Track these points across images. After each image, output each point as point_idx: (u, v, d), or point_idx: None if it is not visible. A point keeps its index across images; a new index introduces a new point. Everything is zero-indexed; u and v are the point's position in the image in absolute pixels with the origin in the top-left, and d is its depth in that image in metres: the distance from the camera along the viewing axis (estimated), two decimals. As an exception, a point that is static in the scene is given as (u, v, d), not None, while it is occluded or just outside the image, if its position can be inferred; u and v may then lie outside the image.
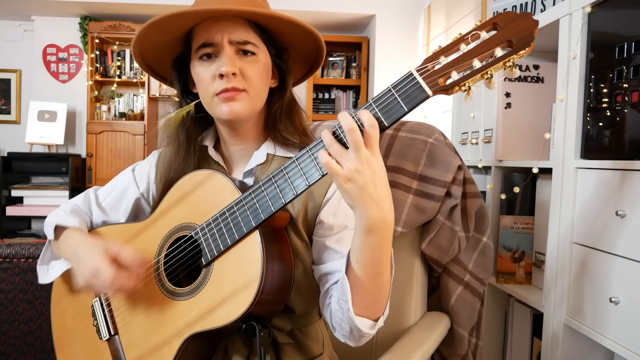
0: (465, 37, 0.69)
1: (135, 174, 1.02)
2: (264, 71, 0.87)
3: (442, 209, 1.09)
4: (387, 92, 0.70)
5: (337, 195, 0.87)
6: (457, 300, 1.15)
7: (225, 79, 0.82)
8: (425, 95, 0.68)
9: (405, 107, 0.68)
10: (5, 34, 4.34)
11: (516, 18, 0.67)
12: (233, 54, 0.83)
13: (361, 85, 4.24)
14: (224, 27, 0.83)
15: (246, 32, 0.84)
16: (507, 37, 0.67)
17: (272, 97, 0.92)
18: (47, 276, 1.00)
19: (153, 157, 1.02)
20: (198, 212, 0.85)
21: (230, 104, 0.83)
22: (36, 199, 3.90)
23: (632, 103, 0.97)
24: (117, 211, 1.02)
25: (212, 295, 0.80)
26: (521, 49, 0.66)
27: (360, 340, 0.79)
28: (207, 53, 0.84)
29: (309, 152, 0.73)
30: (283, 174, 0.75)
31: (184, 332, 0.81)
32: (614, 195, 1.00)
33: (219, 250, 0.80)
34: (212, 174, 0.85)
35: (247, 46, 0.84)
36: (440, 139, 1.13)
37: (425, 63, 0.69)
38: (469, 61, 0.68)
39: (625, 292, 0.97)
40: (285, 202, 0.75)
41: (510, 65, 0.67)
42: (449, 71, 0.68)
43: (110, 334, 0.92)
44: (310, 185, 0.73)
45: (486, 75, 0.68)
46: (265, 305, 0.79)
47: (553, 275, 1.19)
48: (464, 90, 0.69)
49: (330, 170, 0.67)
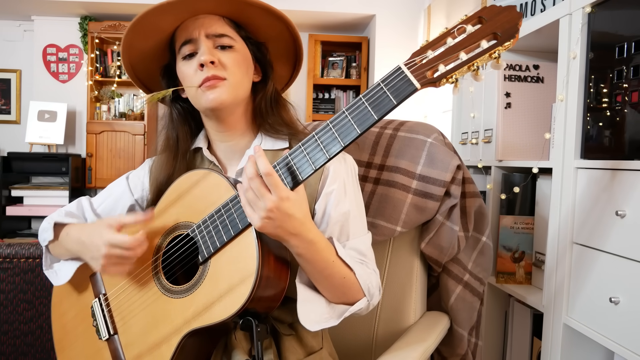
0: (452, 31, 0.70)
1: (130, 182, 1.04)
2: (242, 61, 0.91)
3: (441, 208, 1.09)
4: (376, 87, 0.72)
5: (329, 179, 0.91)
6: (456, 300, 1.15)
7: (206, 69, 0.86)
8: (413, 88, 0.70)
9: (395, 100, 0.70)
10: (5, 34, 4.34)
11: (501, 11, 0.69)
12: (211, 46, 0.88)
13: (361, 85, 4.23)
14: (201, 23, 0.88)
15: (222, 26, 0.90)
16: (492, 30, 0.69)
17: (257, 90, 0.96)
18: (58, 278, 1.01)
19: (146, 164, 1.04)
20: (195, 210, 0.86)
21: (213, 91, 0.87)
22: (36, 199, 3.90)
23: (632, 103, 0.97)
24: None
25: (209, 291, 0.80)
26: (506, 41, 0.68)
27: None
28: (189, 53, 0.89)
29: (302, 147, 0.76)
30: (276, 169, 0.76)
31: (182, 329, 0.82)
32: (614, 195, 1.00)
33: (215, 247, 0.81)
34: (208, 172, 0.87)
35: (223, 39, 0.89)
36: (439, 138, 1.13)
37: (413, 57, 0.71)
38: (455, 54, 0.69)
39: (625, 292, 0.97)
40: None
41: (496, 56, 0.69)
42: (436, 64, 0.70)
43: (109, 333, 0.92)
44: (303, 181, 0.76)
45: (472, 67, 0.70)
46: (262, 300, 0.80)
47: (553, 275, 1.19)
48: (452, 82, 0.70)
49: (247, 216, 0.76)
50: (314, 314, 0.82)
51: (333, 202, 0.89)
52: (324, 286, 0.83)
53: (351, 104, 0.74)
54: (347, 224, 0.89)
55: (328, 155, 0.74)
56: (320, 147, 0.74)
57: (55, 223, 0.98)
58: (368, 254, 0.91)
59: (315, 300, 0.84)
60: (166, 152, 0.97)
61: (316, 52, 4.21)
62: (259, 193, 0.73)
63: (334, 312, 0.84)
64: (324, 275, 0.82)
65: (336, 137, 0.74)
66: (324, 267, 0.81)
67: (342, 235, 0.89)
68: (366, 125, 0.72)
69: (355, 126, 0.73)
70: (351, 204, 0.91)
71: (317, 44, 4.21)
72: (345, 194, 0.91)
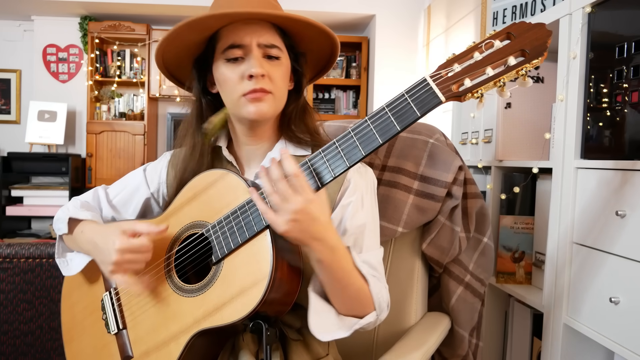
0: (479, 46, 0.70)
1: (147, 174, 1.03)
2: (286, 74, 0.90)
3: (442, 209, 1.09)
4: (400, 97, 0.71)
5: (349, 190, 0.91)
6: (457, 301, 1.15)
7: (254, 80, 0.85)
8: (438, 101, 0.69)
9: (418, 112, 0.70)
10: (5, 34, 4.34)
11: (530, 28, 0.69)
12: (261, 56, 0.86)
13: (361, 85, 4.24)
14: (253, 30, 0.86)
15: (272, 36, 0.88)
16: (520, 47, 0.68)
17: (289, 99, 0.95)
18: (69, 268, 1.01)
19: (165, 158, 1.04)
20: (210, 210, 0.86)
21: (257, 104, 0.86)
22: (36, 199, 3.90)
23: (632, 103, 0.97)
24: (127, 210, 1.03)
25: (221, 292, 0.80)
26: (534, 58, 0.67)
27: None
28: (235, 56, 0.86)
29: (322, 154, 0.76)
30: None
31: (191, 328, 0.82)
32: (614, 195, 1.00)
33: (230, 248, 0.81)
34: (225, 173, 0.86)
35: (273, 50, 0.87)
36: (441, 139, 1.13)
37: (439, 70, 0.71)
38: (482, 69, 0.69)
39: (625, 292, 0.97)
40: None
41: (523, 74, 0.68)
42: (462, 78, 0.69)
43: (118, 328, 0.93)
44: (321, 187, 0.75)
45: (499, 83, 0.69)
46: (273, 304, 0.80)
47: (553, 275, 1.19)
48: (477, 97, 0.70)
49: (270, 220, 0.74)
50: (325, 325, 0.81)
51: (350, 214, 0.88)
52: (337, 296, 0.82)
53: (374, 112, 0.73)
54: (362, 237, 0.89)
55: (348, 163, 0.74)
56: (340, 155, 0.74)
57: (70, 218, 0.97)
58: (379, 268, 0.90)
59: (327, 310, 0.83)
60: (192, 148, 0.95)
61: (316, 52, 4.20)
62: (285, 195, 0.71)
63: (344, 324, 0.83)
64: (341, 285, 0.81)
65: (357, 145, 0.74)
66: (342, 277, 0.80)
67: (356, 248, 0.88)
68: (388, 135, 0.72)
69: (378, 136, 0.73)
70: (367, 217, 0.90)
71: (317, 44, 4.21)
72: (362, 206, 0.90)
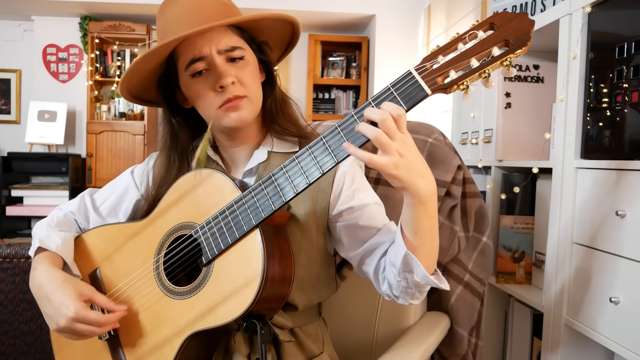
0: (463, 37, 0.70)
1: (135, 176, 1.02)
2: (255, 71, 0.89)
3: (441, 208, 1.09)
4: (386, 91, 0.71)
5: (346, 180, 0.90)
6: (457, 300, 1.15)
7: (226, 90, 0.84)
8: (424, 94, 0.69)
9: (405, 106, 0.69)
10: (5, 34, 4.34)
11: (513, 18, 0.69)
12: (224, 63, 0.85)
13: (361, 85, 4.23)
14: (209, 38, 0.84)
15: (230, 37, 0.86)
16: (504, 37, 0.68)
17: (265, 92, 0.93)
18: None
19: (151, 159, 1.02)
20: (198, 211, 0.85)
21: (236, 113, 0.85)
22: (36, 199, 3.89)
23: (632, 103, 0.97)
24: (117, 214, 1.01)
25: (213, 293, 0.80)
26: (518, 48, 0.67)
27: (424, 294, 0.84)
28: (199, 69, 0.85)
29: (309, 150, 0.74)
30: (283, 172, 0.76)
31: (185, 330, 0.82)
32: (614, 195, 1.00)
33: (220, 249, 0.80)
34: (211, 173, 0.85)
35: (235, 52, 0.86)
36: (440, 138, 1.13)
37: (424, 62, 0.70)
38: (466, 60, 0.69)
39: (625, 292, 0.97)
40: (285, 201, 0.76)
41: (507, 64, 0.68)
42: (447, 70, 0.69)
43: (109, 333, 0.92)
44: (311, 184, 0.74)
45: (484, 74, 0.69)
46: (267, 302, 0.79)
47: (553, 275, 1.19)
48: (462, 89, 0.70)
49: (379, 165, 0.68)
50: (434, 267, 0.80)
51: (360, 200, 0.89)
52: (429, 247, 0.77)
53: (360, 107, 0.72)
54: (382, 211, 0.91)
55: (336, 159, 0.73)
56: (328, 151, 0.73)
57: (38, 247, 0.92)
58: None
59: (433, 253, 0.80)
60: (165, 152, 0.94)
61: (316, 52, 4.20)
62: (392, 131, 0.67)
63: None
64: (434, 233, 0.77)
65: (345, 140, 0.72)
66: (435, 223, 0.77)
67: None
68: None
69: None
70: (374, 196, 0.92)
71: (317, 44, 4.21)
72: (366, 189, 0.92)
